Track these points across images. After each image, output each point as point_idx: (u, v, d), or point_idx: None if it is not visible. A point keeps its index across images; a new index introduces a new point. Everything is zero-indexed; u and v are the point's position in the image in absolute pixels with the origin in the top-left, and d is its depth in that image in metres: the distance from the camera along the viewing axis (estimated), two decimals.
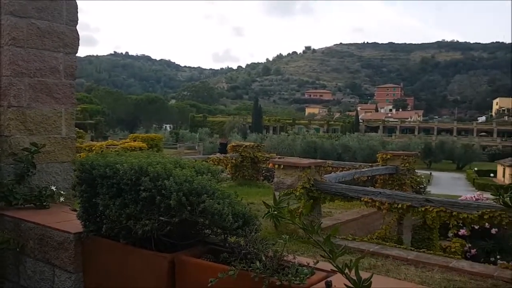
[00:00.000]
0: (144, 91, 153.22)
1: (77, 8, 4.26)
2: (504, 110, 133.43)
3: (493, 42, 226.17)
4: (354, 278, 1.15)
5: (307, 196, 6.87)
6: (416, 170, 13.53)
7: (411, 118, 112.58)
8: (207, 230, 2.51)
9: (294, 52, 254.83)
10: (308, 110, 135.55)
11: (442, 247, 9.62)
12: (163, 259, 2.39)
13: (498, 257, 9.64)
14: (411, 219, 8.78)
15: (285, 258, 2.08)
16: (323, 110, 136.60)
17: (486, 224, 9.16)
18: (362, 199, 6.31)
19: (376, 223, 9.01)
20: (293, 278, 1.84)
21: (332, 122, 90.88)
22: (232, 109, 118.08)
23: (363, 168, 9.80)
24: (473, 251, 9.88)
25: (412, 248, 6.36)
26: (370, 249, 5.80)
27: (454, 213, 5.14)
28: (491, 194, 1.29)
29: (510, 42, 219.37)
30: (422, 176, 16.87)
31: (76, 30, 4.27)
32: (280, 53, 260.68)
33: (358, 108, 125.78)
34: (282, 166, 7.18)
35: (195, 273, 2.24)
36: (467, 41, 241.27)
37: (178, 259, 2.35)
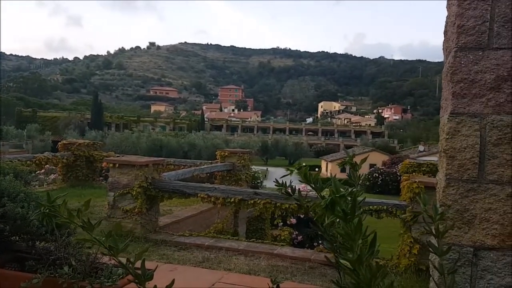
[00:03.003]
0: None
1: None
2: (327, 112, 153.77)
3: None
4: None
5: (144, 195, 6.73)
6: (254, 166, 14.49)
7: (251, 118, 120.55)
8: (14, 237, 2.25)
9: (138, 47, 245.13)
10: (154, 108, 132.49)
11: (274, 236, 10.53)
12: None
13: (320, 242, 11.04)
14: (246, 212, 9.37)
15: (100, 261, 2.00)
16: (169, 108, 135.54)
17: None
18: (199, 195, 6.47)
19: (215, 217, 9.36)
20: (106, 280, 1.79)
21: (178, 121, 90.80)
22: (68, 104, 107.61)
23: (203, 166, 10.06)
24: (300, 237, 11.10)
25: (244, 239, 6.80)
26: (206, 243, 6.01)
27: (278, 204, 5.68)
28: (275, 185, 1.46)
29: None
30: (259, 172, 18.16)
31: None
32: (123, 47, 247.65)
33: (204, 107, 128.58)
34: (117, 165, 6.89)
35: None
36: (298, 49, 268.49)
37: None
